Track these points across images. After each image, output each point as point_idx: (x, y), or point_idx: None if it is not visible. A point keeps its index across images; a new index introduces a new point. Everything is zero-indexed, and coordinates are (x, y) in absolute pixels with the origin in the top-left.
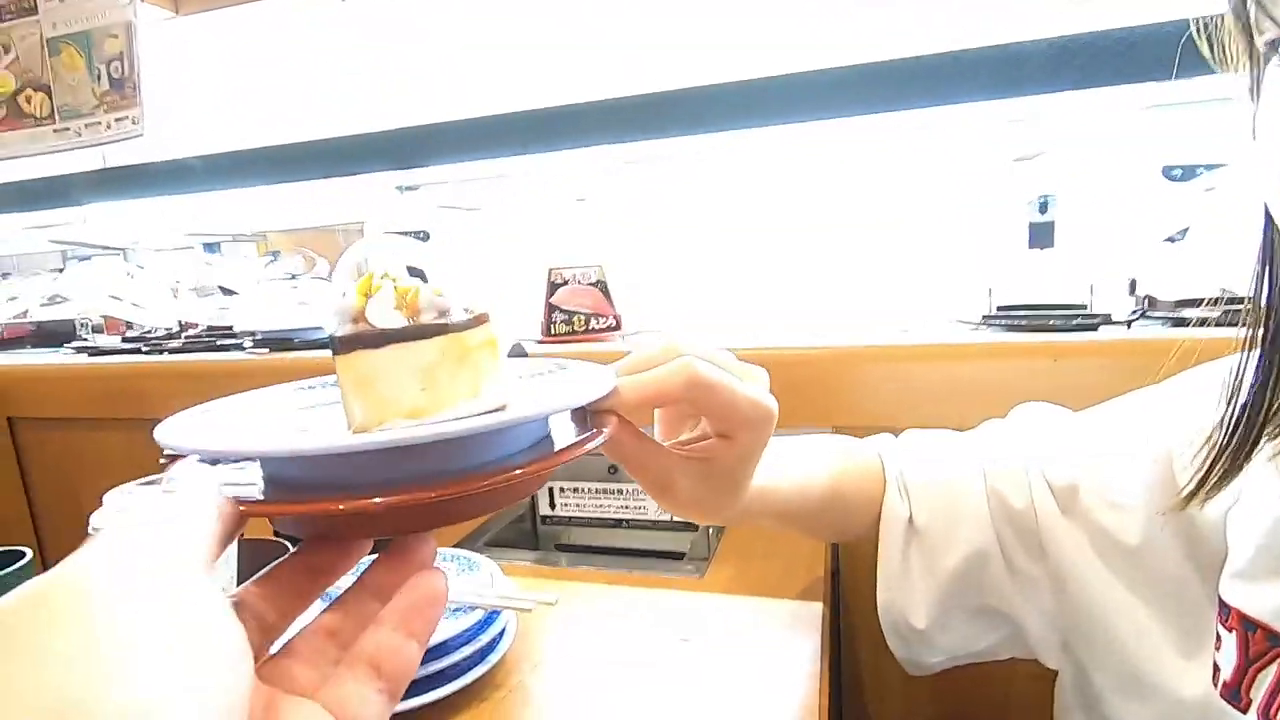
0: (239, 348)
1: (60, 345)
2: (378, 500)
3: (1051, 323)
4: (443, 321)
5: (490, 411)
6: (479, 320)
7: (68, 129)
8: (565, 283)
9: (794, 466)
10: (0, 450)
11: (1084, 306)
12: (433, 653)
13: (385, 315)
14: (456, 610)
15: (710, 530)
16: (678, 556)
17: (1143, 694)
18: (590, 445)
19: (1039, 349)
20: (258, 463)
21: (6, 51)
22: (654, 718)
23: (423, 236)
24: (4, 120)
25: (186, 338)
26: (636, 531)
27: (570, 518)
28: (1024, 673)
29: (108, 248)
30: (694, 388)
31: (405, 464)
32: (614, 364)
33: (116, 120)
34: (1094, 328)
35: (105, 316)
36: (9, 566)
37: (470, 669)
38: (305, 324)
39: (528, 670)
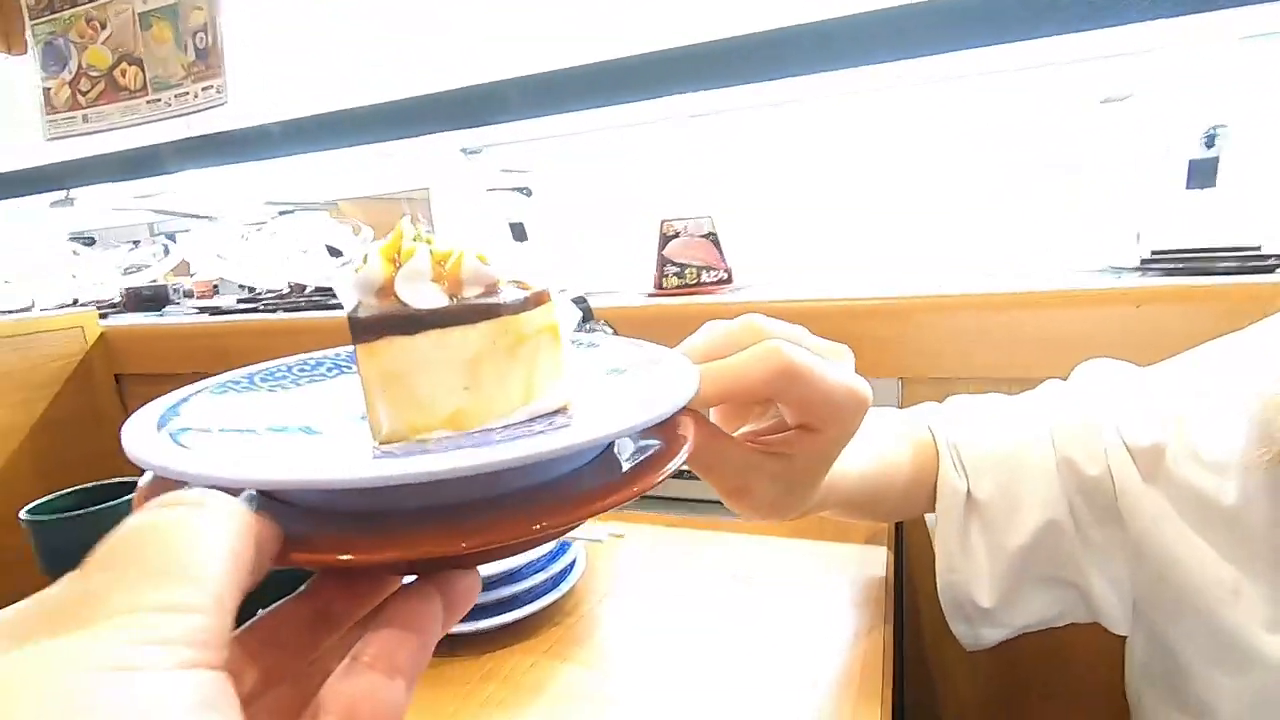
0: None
1: (160, 309)
2: (427, 552)
3: (1221, 265)
4: (492, 300)
5: (550, 414)
6: (538, 299)
7: (159, 100)
8: (677, 235)
9: (857, 453)
10: (110, 404)
11: (1257, 248)
12: (508, 578)
13: (420, 290)
14: None
15: None
16: None
17: (1236, 664)
18: (673, 466)
19: (1130, 295)
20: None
21: (103, 27)
22: (716, 652)
23: (526, 192)
24: (102, 94)
25: (300, 297)
26: (700, 482)
27: None
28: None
29: (196, 215)
30: (783, 377)
31: (452, 488)
32: (682, 345)
33: (203, 90)
34: (1270, 269)
35: (196, 281)
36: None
37: (543, 595)
38: None
39: (595, 601)
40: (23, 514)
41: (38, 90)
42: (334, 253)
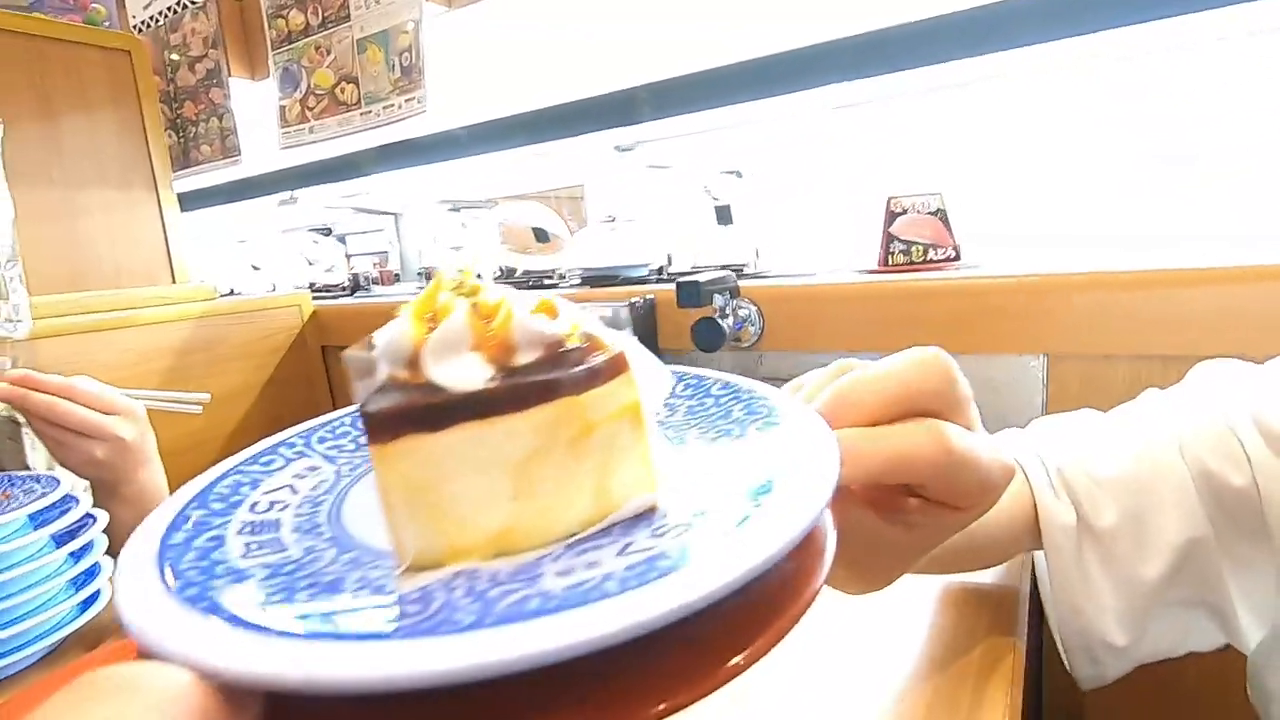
0: (555, 285)
1: (352, 293)
2: None
3: None
4: (549, 376)
5: (632, 520)
6: (613, 368)
7: (370, 112)
8: (904, 212)
9: None
10: (318, 371)
11: None
12: None
13: (454, 364)
14: None
15: None
16: None
17: None
18: (818, 588)
19: None
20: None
21: (328, 53)
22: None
23: (737, 175)
24: (326, 109)
25: (511, 279)
26: None
27: None
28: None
29: (384, 212)
30: (946, 461)
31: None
32: (795, 384)
33: (406, 101)
34: None
35: (382, 270)
36: None
37: None
38: (626, 262)
39: None
40: None
41: (274, 108)
42: (540, 236)
